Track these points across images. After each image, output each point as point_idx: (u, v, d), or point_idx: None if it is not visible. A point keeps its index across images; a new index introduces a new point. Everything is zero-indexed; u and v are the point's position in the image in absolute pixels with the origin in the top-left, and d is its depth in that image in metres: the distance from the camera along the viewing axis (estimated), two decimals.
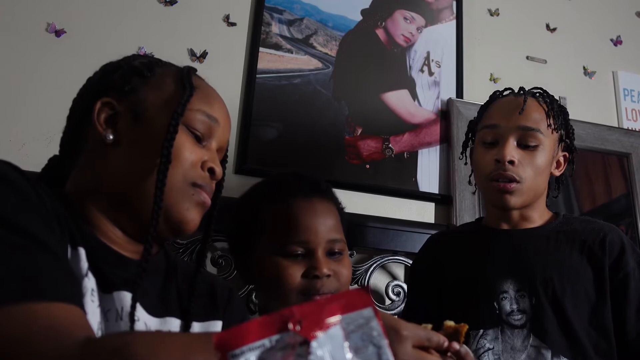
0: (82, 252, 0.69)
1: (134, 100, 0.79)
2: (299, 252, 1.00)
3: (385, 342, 0.41)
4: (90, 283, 0.68)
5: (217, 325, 0.88)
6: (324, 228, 1.03)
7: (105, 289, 0.71)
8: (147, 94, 0.80)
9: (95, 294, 0.69)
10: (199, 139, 0.80)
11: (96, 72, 0.87)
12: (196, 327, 0.85)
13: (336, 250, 1.04)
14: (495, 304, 1.12)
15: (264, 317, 0.41)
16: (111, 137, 0.77)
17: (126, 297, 0.72)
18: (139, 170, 0.75)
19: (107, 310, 0.70)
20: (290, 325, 0.40)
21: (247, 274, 1.11)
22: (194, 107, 0.79)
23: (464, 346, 0.73)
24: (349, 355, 0.39)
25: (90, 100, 0.80)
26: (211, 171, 0.80)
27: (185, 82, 0.81)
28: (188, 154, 0.77)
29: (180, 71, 0.84)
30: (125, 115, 0.78)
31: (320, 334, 0.39)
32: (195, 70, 0.86)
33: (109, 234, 0.77)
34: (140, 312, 0.74)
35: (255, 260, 1.04)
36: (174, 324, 0.81)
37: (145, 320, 0.75)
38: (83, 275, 0.68)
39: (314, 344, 0.38)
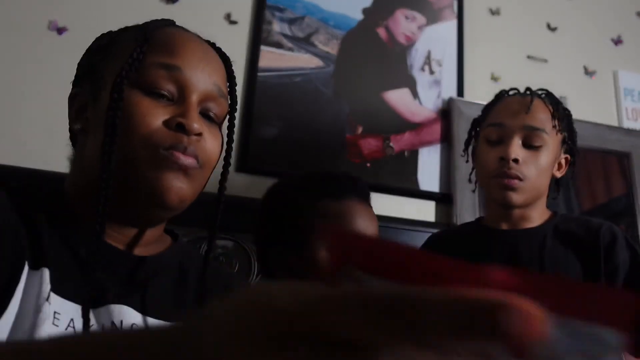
0: (45, 273, 0.60)
1: (95, 79, 0.70)
2: None
3: None
4: (52, 307, 0.60)
5: None
6: (373, 232, 1.05)
7: (97, 302, 0.64)
8: (107, 68, 0.70)
9: (60, 315, 0.60)
10: (166, 97, 0.68)
11: None
12: None
13: None
14: None
15: None
16: (78, 126, 0.71)
17: (122, 309, 0.65)
18: (101, 151, 0.66)
19: (91, 325, 0.62)
20: None
21: (285, 271, 1.06)
22: (147, 62, 0.67)
23: None
24: None
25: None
26: (180, 127, 0.66)
27: (136, 38, 0.69)
28: (143, 118, 0.65)
29: (139, 28, 0.72)
30: (89, 101, 0.71)
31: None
32: (169, 21, 0.75)
33: (110, 233, 0.69)
34: (141, 323, 0.67)
35: (302, 258, 0.99)
36: None
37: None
38: (43, 298, 0.59)
39: None
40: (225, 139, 0.77)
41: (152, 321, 0.68)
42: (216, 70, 0.73)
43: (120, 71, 0.66)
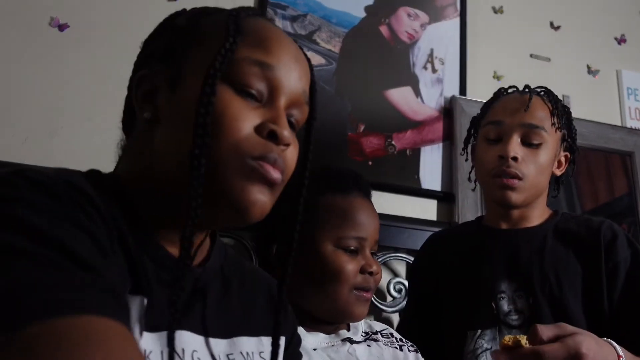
0: (143, 303, 0.54)
1: (174, 66, 0.63)
2: (353, 247, 1.00)
3: None
4: (143, 344, 0.54)
5: (282, 341, 0.73)
6: (375, 228, 1.05)
7: (155, 327, 0.56)
8: (188, 55, 0.63)
9: (153, 354, 0.55)
10: (255, 98, 0.61)
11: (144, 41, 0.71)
12: (267, 343, 0.70)
13: (372, 252, 1.06)
14: (493, 304, 1.12)
15: None
16: (147, 114, 0.63)
17: (182, 335, 0.59)
18: (180, 149, 0.58)
19: (150, 352, 0.55)
20: None
21: (287, 266, 1.06)
22: (240, 55, 0.61)
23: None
24: None
25: (133, 75, 0.67)
26: (272, 135, 0.60)
27: (229, 27, 0.61)
28: (236, 121, 0.59)
29: (228, 16, 0.63)
30: (164, 88, 0.63)
31: None
32: (258, 11, 0.68)
33: (162, 234, 0.62)
34: (200, 347, 0.60)
35: (307, 252, 0.99)
36: (245, 344, 0.68)
37: (211, 351, 0.61)
38: (137, 334, 0.53)
39: None
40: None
41: (213, 342, 0.63)
42: (305, 73, 0.67)
43: (213, 63, 0.59)
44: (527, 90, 1.21)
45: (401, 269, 1.58)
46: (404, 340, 1.09)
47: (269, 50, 0.62)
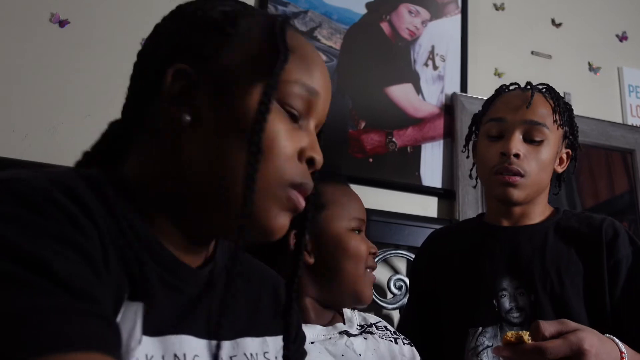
0: (139, 308, 0.53)
1: (215, 67, 0.60)
2: (359, 228, 1.05)
3: None
4: (143, 350, 0.52)
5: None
6: (364, 210, 1.10)
7: (156, 331, 0.55)
8: (231, 58, 0.60)
9: (155, 358, 0.54)
10: (295, 118, 0.61)
11: (165, 23, 0.65)
12: (271, 343, 0.70)
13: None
14: (494, 301, 1.12)
15: None
16: (188, 118, 0.59)
17: (182, 339, 0.57)
18: (221, 161, 0.57)
19: (151, 357, 0.54)
20: None
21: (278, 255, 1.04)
22: (289, 77, 0.60)
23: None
24: None
25: (158, 65, 0.61)
26: (311, 162, 0.61)
27: (279, 43, 0.60)
28: (283, 143, 0.58)
29: (271, 24, 0.62)
30: (204, 88, 0.59)
31: None
32: (290, 20, 0.65)
33: (174, 239, 0.60)
34: (202, 351, 0.59)
35: (320, 236, 1.02)
36: (249, 346, 0.66)
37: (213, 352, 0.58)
38: (136, 341, 0.52)
39: None
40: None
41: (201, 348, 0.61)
42: (330, 97, 0.67)
43: (269, 80, 0.58)
44: (528, 87, 1.20)
45: (402, 266, 1.58)
46: (397, 333, 1.10)
47: (312, 73, 0.62)
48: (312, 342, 0.95)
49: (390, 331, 1.09)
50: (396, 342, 1.06)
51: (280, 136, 0.58)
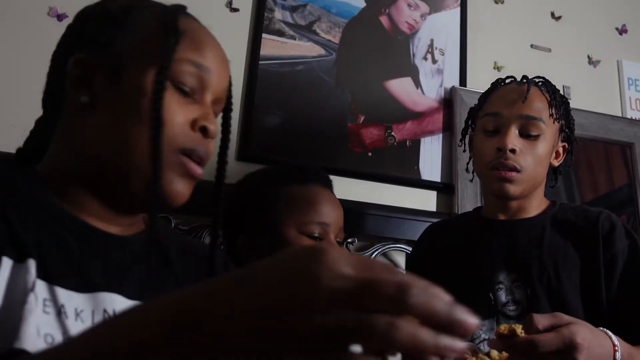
0: (31, 264, 0.59)
1: (111, 53, 0.68)
2: (317, 233, 1.03)
3: None
4: (40, 294, 0.59)
5: None
6: (339, 216, 1.07)
7: (86, 288, 0.63)
8: (126, 44, 0.68)
9: (51, 302, 0.60)
10: (188, 94, 0.69)
11: (73, 21, 0.76)
12: None
13: (339, 240, 1.08)
14: (490, 294, 1.12)
15: None
16: (85, 98, 0.67)
17: (113, 297, 0.64)
18: (121, 136, 0.65)
19: (80, 311, 0.62)
20: None
21: (254, 255, 1.09)
22: (180, 56, 0.67)
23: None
24: None
25: (64, 58, 0.70)
26: (204, 130, 0.68)
27: (169, 27, 0.68)
28: (174, 116, 0.66)
29: (164, 13, 0.71)
30: (101, 72, 0.68)
31: None
32: (184, 7, 0.74)
33: (96, 212, 0.68)
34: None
35: (272, 240, 1.03)
36: None
37: None
38: (28, 290, 0.58)
39: None
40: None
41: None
42: (228, 72, 0.75)
43: (161, 63, 0.65)
44: (524, 80, 1.20)
45: (401, 259, 1.58)
46: None
47: (203, 53, 0.70)
48: None
49: None
50: None
51: (169, 108, 0.65)
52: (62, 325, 0.59)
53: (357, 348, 0.34)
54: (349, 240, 1.49)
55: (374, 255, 1.51)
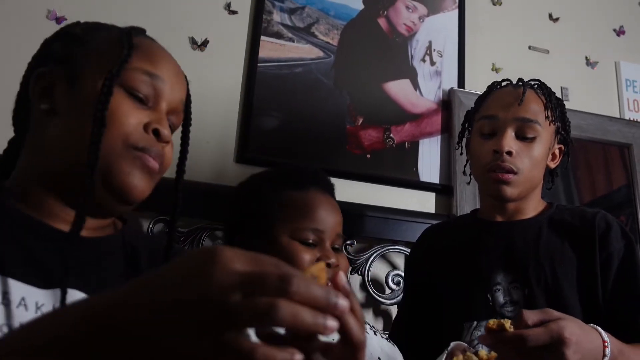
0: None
1: (70, 67, 0.75)
2: (311, 240, 1.02)
3: None
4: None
5: None
6: (336, 221, 1.07)
7: (47, 284, 0.68)
8: (84, 60, 0.76)
9: (12, 295, 0.65)
10: (143, 101, 0.75)
11: (39, 48, 0.84)
12: None
13: (336, 246, 1.07)
14: (488, 295, 1.13)
15: None
16: (45, 105, 0.74)
17: (72, 293, 0.68)
18: (76, 139, 0.71)
19: (41, 305, 0.67)
20: None
21: None
22: (133, 65, 0.74)
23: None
24: None
25: (29, 74, 0.78)
26: (156, 133, 0.74)
27: (123, 42, 0.75)
28: (126, 117, 0.72)
29: (122, 32, 0.78)
30: (60, 82, 0.75)
31: None
32: (143, 30, 0.82)
33: (61, 215, 0.73)
34: None
35: (266, 244, 1.03)
36: None
37: None
38: None
39: None
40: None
41: None
42: (183, 86, 0.81)
43: (111, 69, 0.72)
44: (520, 83, 1.21)
45: (399, 261, 1.58)
46: (374, 328, 1.12)
47: (156, 63, 0.77)
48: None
49: (369, 325, 1.11)
50: (375, 334, 1.08)
51: (120, 112, 0.72)
52: (19, 317, 0.64)
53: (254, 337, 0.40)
54: (348, 242, 1.49)
55: (372, 257, 1.51)
